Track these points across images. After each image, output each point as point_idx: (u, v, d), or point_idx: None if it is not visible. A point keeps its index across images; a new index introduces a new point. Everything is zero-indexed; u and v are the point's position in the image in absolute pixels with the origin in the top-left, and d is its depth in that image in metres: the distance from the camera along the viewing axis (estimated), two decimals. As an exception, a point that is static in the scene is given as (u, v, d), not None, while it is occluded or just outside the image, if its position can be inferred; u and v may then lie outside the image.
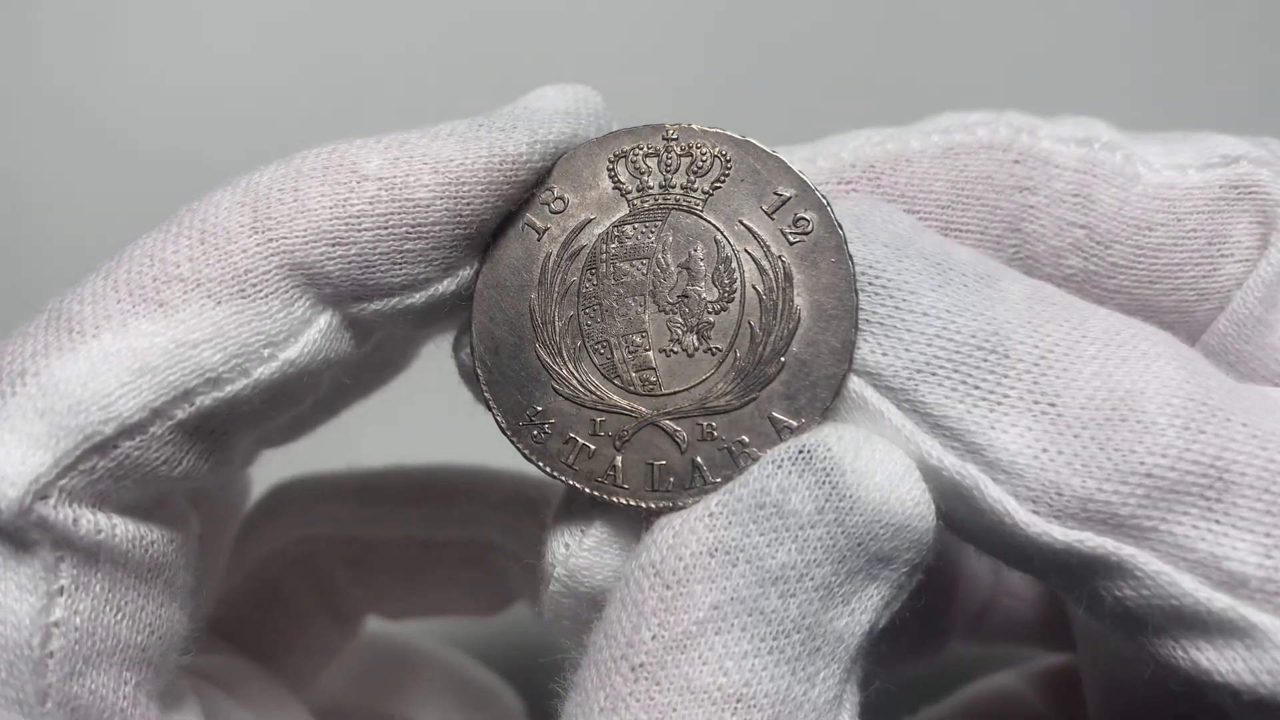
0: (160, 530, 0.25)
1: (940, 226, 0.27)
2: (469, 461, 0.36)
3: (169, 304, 0.23)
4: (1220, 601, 0.22)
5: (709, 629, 0.22)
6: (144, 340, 0.23)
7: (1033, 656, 0.40)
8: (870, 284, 0.23)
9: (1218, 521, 0.22)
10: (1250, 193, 0.27)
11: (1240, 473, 0.21)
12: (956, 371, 0.23)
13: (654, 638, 0.22)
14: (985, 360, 0.23)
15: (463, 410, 0.30)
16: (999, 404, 0.22)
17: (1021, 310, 0.23)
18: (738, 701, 0.22)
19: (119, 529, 0.23)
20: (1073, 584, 0.23)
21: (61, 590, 0.23)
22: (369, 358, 0.27)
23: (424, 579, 0.36)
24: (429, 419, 0.41)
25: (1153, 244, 0.27)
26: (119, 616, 0.24)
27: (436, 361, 0.33)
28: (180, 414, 0.23)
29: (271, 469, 0.32)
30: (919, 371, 0.23)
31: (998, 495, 0.22)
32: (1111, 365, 0.22)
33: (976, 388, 0.23)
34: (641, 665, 0.22)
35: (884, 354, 0.23)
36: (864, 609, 0.23)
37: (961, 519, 0.24)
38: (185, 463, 0.24)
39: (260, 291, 0.23)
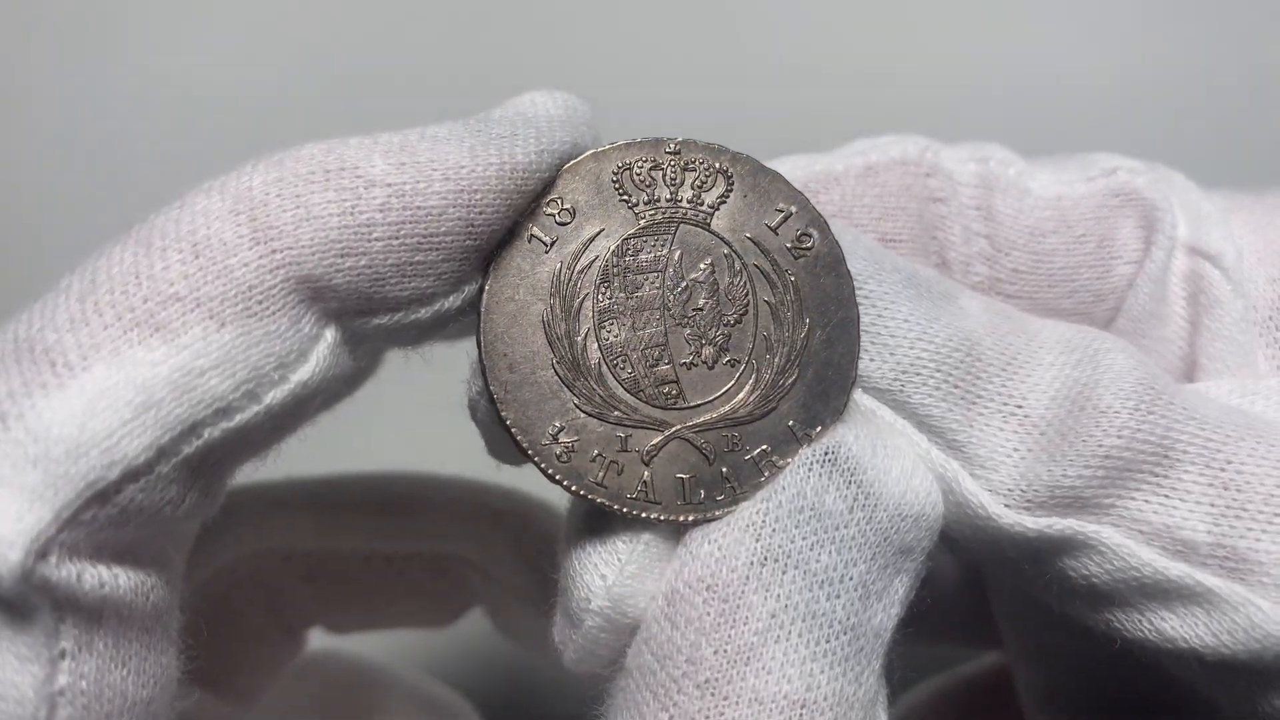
0: (157, 574, 0.23)
1: (877, 238, 0.29)
2: (422, 469, 0.35)
3: (167, 328, 0.21)
4: (1176, 569, 0.24)
5: (769, 638, 0.22)
6: (144, 370, 0.21)
7: (958, 659, 0.42)
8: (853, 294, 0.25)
9: (1167, 496, 0.24)
10: (1130, 199, 0.29)
11: (1183, 450, 0.24)
12: (938, 372, 0.24)
13: (716, 652, 0.22)
14: (961, 363, 0.24)
15: (409, 414, 0.30)
16: (974, 404, 0.24)
17: (984, 321, 0.25)
18: (802, 708, 0.22)
19: (121, 579, 0.22)
20: (1042, 569, 0.25)
21: (64, 654, 0.21)
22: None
23: (386, 593, 0.35)
24: (371, 424, 0.40)
25: (1048, 249, 0.29)
26: (125, 673, 0.22)
27: (385, 367, 0.33)
28: (187, 449, 0.21)
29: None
30: (904, 373, 0.24)
31: (974, 489, 0.24)
32: (1068, 368, 0.24)
33: (955, 388, 0.24)
34: (707, 681, 0.22)
35: (871, 359, 0.24)
36: (893, 602, 0.24)
37: (946, 513, 0.25)
38: (189, 501, 0.22)
39: (267, 309, 0.22)
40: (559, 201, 0.25)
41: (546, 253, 0.25)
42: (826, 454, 0.24)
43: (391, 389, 0.32)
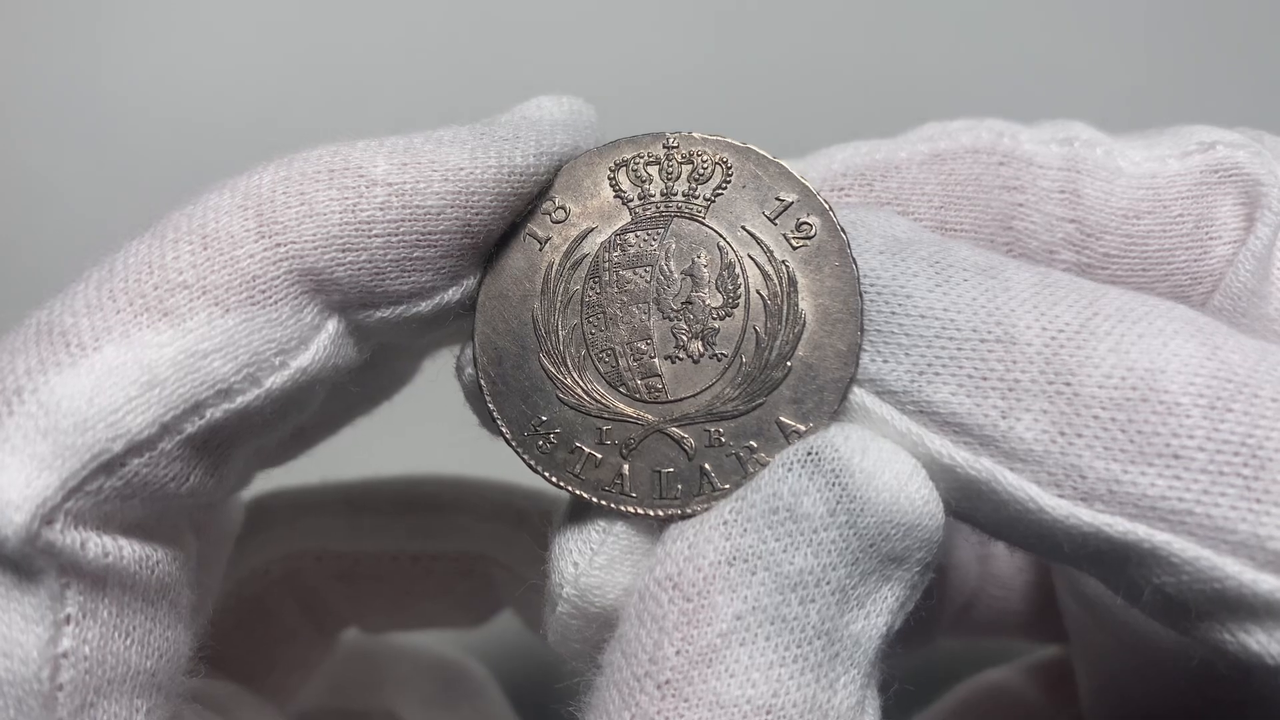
0: (164, 550, 0.24)
1: (935, 227, 0.27)
2: (449, 471, 0.36)
3: (174, 313, 0.22)
4: (1267, 583, 0.21)
5: (733, 640, 0.22)
6: (151, 351, 0.22)
7: (1023, 650, 0.41)
8: (865, 291, 0.23)
9: (1258, 500, 0.21)
10: (1230, 175, 0.27)
11: (1276, 448, 0.21)
12: (961, 367, 0.22)
13: (678, 653, 0.22)
14: (991, 351, 0.22)
15: (436, 418, 0.30)
16: (1009, 391, 0.22)
17: (1027, 297, 0.22)
18: (767, 713, 0.21)
19: (125, 550, 0.22)
20: (1108, 573, 0.23)
21: (69, 619, 0.22)
22: (375, 373, 0.26)
23: (415, 593, 0.35)
24: (400, 428, 0.41)
25: (1142, 232, 0.27)
26: (128, 642, 0.23)
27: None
28: (190, 428, 0.22)
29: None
30: (921, 373, 0.23)
31: (1017, 483, 0.22)
32: (1128, 342, 0.22)
33: (985, 379, 0.22)
34: (667, 682, 0.22)
35: (884, 360, 0.23)
36: (879, 611, 0.23)
37: (986, 515, 0.23)
38: (193, 479, 0.23)
39: (269, 298, 0.23)
40: (555, 200, 0.25)
41: (541, 250, 0.25)
42: (810, 454, 0.23)
43: (420, 396, 0.33)
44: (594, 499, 0.24)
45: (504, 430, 0.25)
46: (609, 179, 0.25)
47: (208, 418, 0.22)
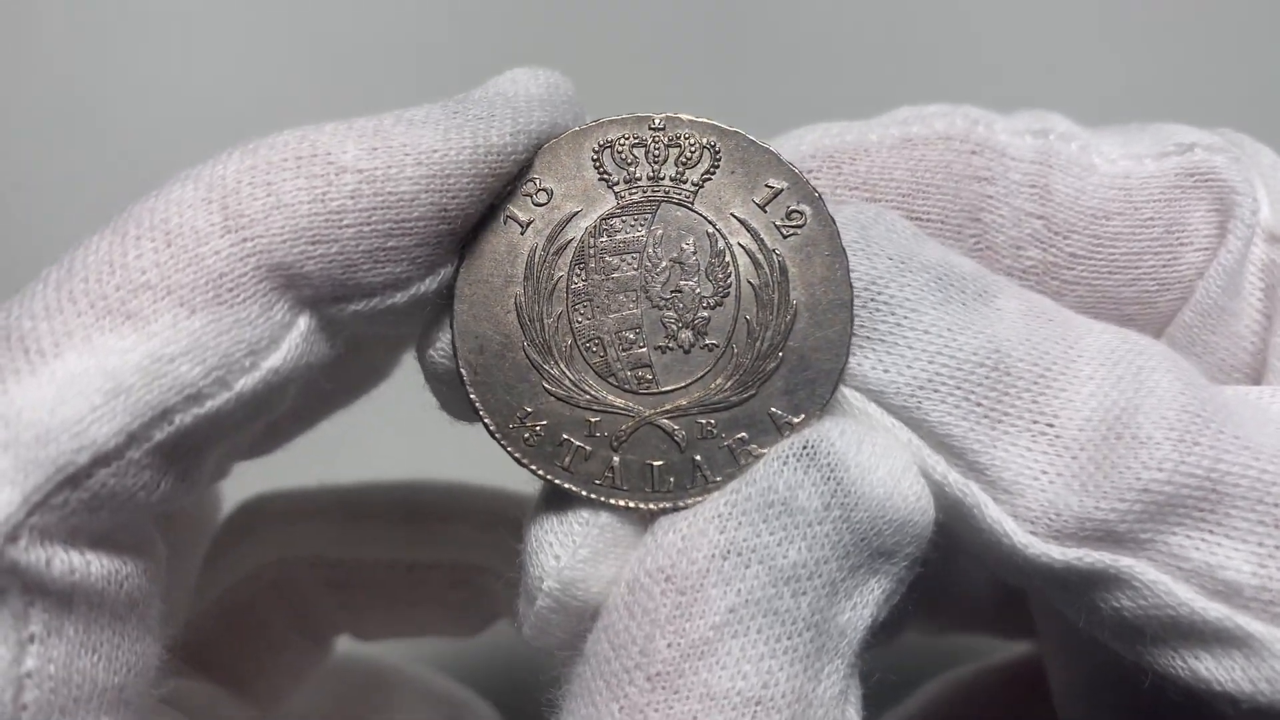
0: (134, 562, 0.23)
1: (903, 215, 0.26)
2: (444, 474, 0.35)
3: (138, 315, 0.21)
4: (1216, 611, 0.22)
5: (725, 633, 0.21)
6: (115, 357, 0.21)
7: (994, 648, 0.40)
8: (873, 299, 0.23)
9: (1211, 532, 0.22)
10: (1206, 180, 0.27)
11: (1233, 484, 0.22)
12: (959, 389, 0.22)
13: (670, 645, 0.21)
14: (987, 378, 0.22)
15: (431, 423, 0.29)
16: (999, 422, 0.22)
17: (1019, 328, 0.23)
18: (756, 704, 0.21)
19: (93, 566, 0.22)
20: (1071, 598, 0.23)
21: (33, 637, 0.21)
22: (353, 365, 0.26)
23: (409, 602, 0.35)
24: (389, 428, 0.40)
25: (1110, 233, 0.27)
26: (95, 659, 0.22)
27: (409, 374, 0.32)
28: (158, 435, 0.21)
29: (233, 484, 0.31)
30: (921, 388, 0.23)
31: (997, 516, 0.22)
32: (1108, 385, 0.22)
33: (979, 405, 0.22)
34: (658, 674, 0.21)
35: (885, 370, 0.23)
36: (866, 603, 0.22)
37: (961, 535, 0.23)
38: (163, 486, 0.22)
39: (237, 296, 0.22)
40: (537, 181, 0.24)
41: (522, 233, 0.24)
42: (805, 447, 0.22)
43: (412, 397, 0.32)
44: (584, 493, 0.23)
45: (487, 422, 0.24)
46: (593, 161, 0.24)
47: (176, 424, 0.21)
